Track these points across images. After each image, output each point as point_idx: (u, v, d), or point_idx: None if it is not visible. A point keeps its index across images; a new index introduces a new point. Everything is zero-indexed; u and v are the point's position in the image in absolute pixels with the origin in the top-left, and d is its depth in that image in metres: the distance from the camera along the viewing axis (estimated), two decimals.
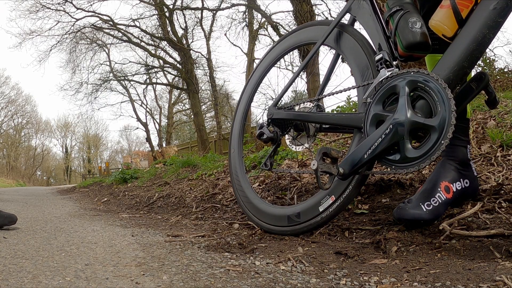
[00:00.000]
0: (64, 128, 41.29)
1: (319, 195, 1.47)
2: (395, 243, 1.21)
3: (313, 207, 1.48)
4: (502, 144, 1.84)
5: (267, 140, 1.65)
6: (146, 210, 2.88)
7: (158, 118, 25.99)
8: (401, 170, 1.19)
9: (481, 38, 1.12)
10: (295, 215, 1.53)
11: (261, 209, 1.66)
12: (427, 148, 1.13)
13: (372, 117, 1.26)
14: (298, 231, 1.52)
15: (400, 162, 1.18)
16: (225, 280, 0.97)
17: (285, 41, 1.81)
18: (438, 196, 1.31)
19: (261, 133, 1.65)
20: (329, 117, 1.51)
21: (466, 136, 1.38)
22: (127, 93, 21.97)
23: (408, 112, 1.15)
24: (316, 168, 1.25)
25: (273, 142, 1.66)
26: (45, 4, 14.14)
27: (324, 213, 1.43)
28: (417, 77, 1.17)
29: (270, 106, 1.69)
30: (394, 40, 1.29)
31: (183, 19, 15.62)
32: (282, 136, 1.67)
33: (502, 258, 1.02)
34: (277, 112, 1.64)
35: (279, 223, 1.57)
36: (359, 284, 0.93)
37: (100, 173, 20.38)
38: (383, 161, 1.23)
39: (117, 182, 6.06)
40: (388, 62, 1.29)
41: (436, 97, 1.13)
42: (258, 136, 1.67)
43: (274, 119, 1.64)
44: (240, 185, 1.81)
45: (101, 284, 0.96)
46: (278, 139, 1.65)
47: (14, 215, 2.00)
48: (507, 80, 5.01)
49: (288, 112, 1.62)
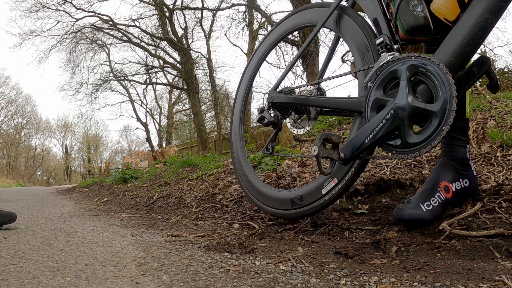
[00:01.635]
0: (64, 128, 41.29)
1: (321, 178, 1.47)
2: (395, 243, 1.21)
3: (316, 190, 1.48)
4: (502, 144, 1.84)
5: (268, 124, 1.64)
6: (146, 210, 2.88)
7: (158, 118, 26.00)
8: (402, 156, 1.18)
9: (483, 22, 1.10)
10: (298, 198, 1.53)
11: (264, 192, 1.66)
12: (428, 134, 1.11)
13: (373, 102, 1.25)
14: (301, 214, 1.52)
15: (401, 148, 1.17)
16: (225, 280, 0.97)
17: (285, 23, 1.80)
18: (438, 196, 1.31)
19: (262, 117, 1.63)
20: (330, 101, 1.49)
21: (465, 136, 1.38)
22: (127, 93, 21.98)
23: (409, 97, 1.13)
24: (317, 153, 1.25)
25: (274, 126, 1.65)
26: (45, 4, 14.14)
27: (327, 196, 1.44)
28: (418, 62, 1.15)
29: (270, 90, 1.67)
30: (395, 24, 1.27)
31: (183, 19, 15.62)
32: (283, 120, 1.66)
33: (502, 258, 1.02)
34: (278, 96, 1.62)
35: (282, 206, 1.58)
36: (359, 284, 0.93)
37: (100, 173, 20.37)
38: (384, 146, 1.22)
39: (117, 182, 6.06)
40: (389, 46, 1.27)
41: (437, 82, 1.11)
42: (259, 120, 1.66)
43: (274, 103, 1.63)
44: (242, 169, 1.81)
45: (101, 284, 0.96)
46: (279, 123, 1.64)
47: (14, 213, 2.00)
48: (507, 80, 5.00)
49: (288, 96, 1.60)
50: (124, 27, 15.37)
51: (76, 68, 17.34)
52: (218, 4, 14.27)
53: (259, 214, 1.93)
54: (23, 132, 37.44)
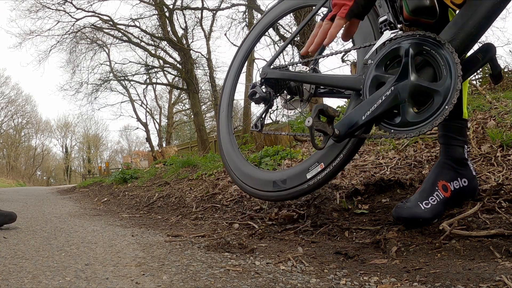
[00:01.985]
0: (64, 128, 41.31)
1: (308, 162, 1.43)
2: (395, 243, 1.21)
3: (300, 173, 1.43)
4: (502, 144, 1.84)
5: (259, 100, 1.57)
6: (146, 210, 2.88)
7: (158, 118, 26.02)
8: (400, 134, 1.13)
9: (491, 6, 1.08)
10: (281, 180, 1.48)
11: (246, 172, 1.61)
12: (430, 113, 1.08)
13: (373, 79, 1.20)
14: (283, 197, 1.47)
15: (400, 126, 1.12)
16: (225, 280, 0.97)
17: (284, 3, 1.76)
18: (436, 195, 1.31)
19: (254, 92, 1.57)
20: (326, 78, 1.43)
21: (463, 136, 1.38)
22: (127, 93, 22.02)
23: (411, 74, 1.10)
24: (311, 125, 1.16)
25: (265, 102, 1.58)
26: (45, 4, 14.16)
27: (311, 181, 1.39)
28: (423, 40, 1.12)
29: (264, 66, 1.61)
30: (400, 4, 1.24)
31: (183, 19, 15.65)
32: (275, 98, 1.60)
33: (502, 258, 1.02)
34: (271, 71, 1.55)
35: (264, 187, 1.53)
36: (359, 284, 0.93)
37: (100, 173, 20.37)
38: (381, 124, 1.17)
39: (117, 182, 6.06)
40: (392, 24, 1.23)
41: (442, 61, 1.08)
42: (250, 95, 1.59)
43: (267, 78, 1.56)
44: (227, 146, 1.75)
45: (101, 284, 0.96)
46: (271, 100, 1.57)
47: (14, 213, 2.00)
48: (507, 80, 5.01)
49: (283, 72, 1.53)
50: (124, 27, 15.39)
51: (76, 68, 17.38)
52: (218, 4, 14.29)
53: (259, 214, 1.93)
54: (23, 132, 37.47)
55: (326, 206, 1.74)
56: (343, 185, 2.01)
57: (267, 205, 2.04)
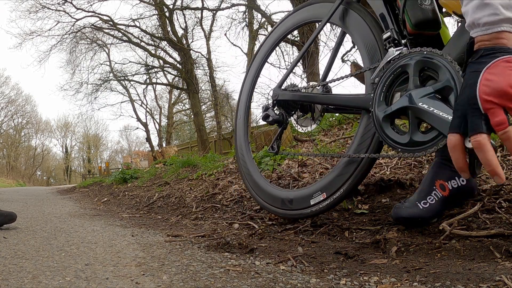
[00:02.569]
0: (64, 128, 41.32)
1: (313, 187, 1.48)
2: (395, 243, 1.21)
3: (305, 198, 1.49)
4: (502, 144, 1.84)
5: (273, 122, 1.61)
6: (146, 210, 2.88)
7: (158, 118, 26.03)
8: (407, 154, 1.14)
9: None
10: (288, 200, 1.55)
11: (260, 185, 1.70)
12: (435, 134, 1.08)
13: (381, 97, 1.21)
14: (288, 216, 1.55)
15: (407, 146, 1.13)
16: (225, 280, 0.97)
17: (290, 18, 1.78)
18: (434, 194, 1.31)
19: (267, 115, 1.60)
20: (336, 99, 1.46)
21: None
22: (127, 93, 22.02)
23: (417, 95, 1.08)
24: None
25: (279, 124, 1.62)
26: (45, 4, 14.16)
27: (314, 207, 1.45)
28: (427, 57, 1.10)
29: (275, 88, 1.64)
30: (403, 18, 1.24)
31: (183, 19, 15.64)
32: (288, 118, 1.64)
33: (502, 258, 1.02)
34: (283, 93, 1.59)
35: (274, 203, 1.61)
36: (359, 284, 0.93)
37: (100, 173, 20.38)
38: (389, 143, 1.18)
39: (117, 182, 6.06)
40: (397, 40, 1.23)
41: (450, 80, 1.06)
42: (263, 118, 1.63)
43: (279, 100, 1.60)
44: (243, 154, 1.83)
45: (101, 284, 0.96)
46: (285, 121, 1.61)
47: (14, 213, 2.00)
48: None
49: (294, 93, 1.57)
50: (124, 27, 15.40)
51: (76, 68, 17.39)
52: (218, 4, 14.29)
53: (259, 214, 1.93)
54: (23, 132, 37.48)
55: None
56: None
57: None
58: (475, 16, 0.84)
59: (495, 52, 0.83)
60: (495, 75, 0.80)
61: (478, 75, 0.82)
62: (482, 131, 0.79)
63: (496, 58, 0.82)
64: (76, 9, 14.49)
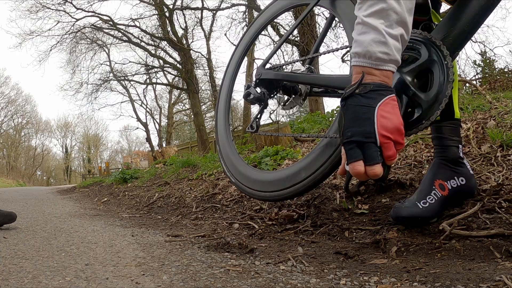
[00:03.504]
0: (64, 128, 41.33)
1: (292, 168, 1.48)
2: (395, 243, 1.21)
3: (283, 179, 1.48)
4: (502, 144, 1.84)
5: (254, 101, 1.59)
6: (146, 210, 2.88)
7: (158, 118, 26.03)
8: None
9: (484, 2, 1.06)
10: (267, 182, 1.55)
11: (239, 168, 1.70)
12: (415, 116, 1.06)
13: None
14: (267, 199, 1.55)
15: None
16: (225, 280, 0.97)
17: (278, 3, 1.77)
18: (434, 194, 1.32)
19: (248, 93, 1.59)
20: (320, 78, 1.44)
21: (457, 136, 1.38)
22: (127, 93, 22.03)
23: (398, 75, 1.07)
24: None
25: (259, 103, 1.61)
26: (45, 4, 14.15)
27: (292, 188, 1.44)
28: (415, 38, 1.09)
29: (258, 67, 1.63)
30: None
31: (183, 19, 15.64)
32: (270, 98, 1.62)
33: (502, 258, 1.02)
34: (266, 72, 1.57)
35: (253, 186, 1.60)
36: (359, 284, 0.93)
37: (100, 173, 20.39)
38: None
39: (117, 182, 6.06)
40: None
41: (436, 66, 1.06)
42: (245, 96, 1.61)
43: (262, 79, 1.58)
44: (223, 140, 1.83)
45: (101, 284, 0.96)
46: (265, 100, 1.59)
47: (14, 212, 2.01)
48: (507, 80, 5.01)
49: (277, 73, 1.55)
50: (124, 27, 15.39)
51: (76, 68, 17.39)
52: (218, 4, 14.29)
53: (259, 214, 1.93)
54: (23, 132, 37.49)
55: (326, 206, 1.74)
56: (343, 185, 2.01)
57: (267, 205, 2.04)
58: (371, 49, 0.88)
59: (382, 90, 0.89)
60: (388, 113, 0.87)
61: (373, 111, 0.87)
62: (378, 162, 0.86)
63: (385, 96, 0.88)
64: (76, 9, 14.49)
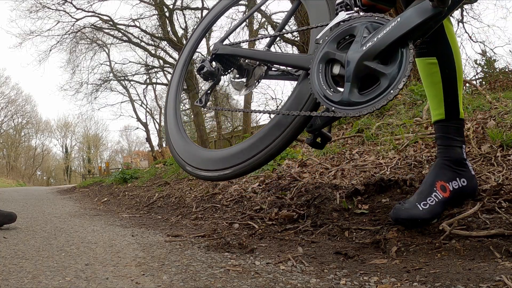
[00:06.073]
0: (64, 128, 41.31)
1: (238, 146, 1.45)
2: (395, 243, 1.21)
3: (228, 158, 1.43)
4: (502, 144, 1.84)
5: (207, 75, 1.56)
6: (146, 210, 2.88)
7: (158, 118, 26.00)
8: (339, 113, 1.10)
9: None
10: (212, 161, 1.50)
11: (183, 146, 1.65)
12: (373, 95, 1.05)
13: (323, 55, 1.16)
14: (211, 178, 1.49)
15: (341, 105, 1.10)
16: (225, 280, 0.97)
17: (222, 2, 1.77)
18: (435, 195, 1.31)
19: (202, 67, 1.57)
20: (277, 56, 1.43)
21: (461, 136, 1.38)
22: (127, 93, 22.03)
23: (360, 53, 1.07)
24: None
25: (212, 77, 1.58)
26: (45, 4, 14.15)
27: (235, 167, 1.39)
28: (378, 22, 1.09)
29: (216, 42, 1.61)
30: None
31: (183, 19, 15.64)
32: (223, 75, 1.59)
33: (502, 258, 1.02)
34: (223, 47, 1.55)
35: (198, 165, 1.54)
36: (359, 284, 0.93)
37: (100, 173, 20.39)
38: (324, 100, 1.14)
39: (117, 182, 6.06)
40: (349, 6, 1.22)
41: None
42: (198, 70, 1.58)
43: (218, 54, 1.55)
44: (171, 115, 1.81)
45: (101, 284, 0.96)
46: (218, 76, 1.57)
47: (14, 213, 2.01)
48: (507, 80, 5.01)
49: (234, 48, 1.53)
50: (124, 27, 15.39)
51: (76, 68, 17.39)
52: None
53: (259, 214, 1.93)
54: (23, 132, 37.48)
55: (326, 206, 1.74)
56: (343, 185, 2.01)
57: (267, 205, 2.04)
58: None
59: None
60: None
61: None
62: None
63: None
64: (76, 9, 14.48)
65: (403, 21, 1.03)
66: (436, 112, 1.39)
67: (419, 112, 2.88)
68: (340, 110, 1.10)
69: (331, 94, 1.13)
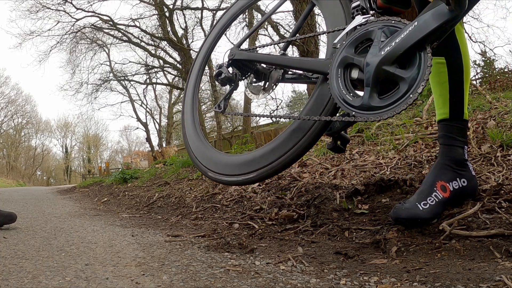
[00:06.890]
0: (64, 128, 41.30)
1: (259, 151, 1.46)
2: (395, 243, 1.21)
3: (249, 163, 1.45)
4: (502, 144, 1.84)
5: (225, 80, 1.56)
6: (146, 210, 2.88)
7: (158, 118, 26.03)
8: (360, 118, 1.10)
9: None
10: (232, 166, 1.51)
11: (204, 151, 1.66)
12: (393, 99, 1.05)
13: (341, 60, 1.16)
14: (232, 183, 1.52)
15: (362, 109, 1.10)
16: (225, 280, 0.97)
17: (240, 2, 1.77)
18: (435, 195, 1.31)
19: (220, 73, 1.57)
20: (294, 61, 1.43)
21: (463, 137, 1.38)
22: (127, 93, 22.04)
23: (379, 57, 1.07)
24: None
25: (230, 83, 1.59)
26: (45, 4, 14.17)
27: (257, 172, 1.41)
28: (395, 26, 1.09)
29: (233, 47, 1.61)
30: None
31: (183, 19, 15.66)
32: (241, 80, 1.60)
33: (502, 258, 1.02)
34: (239, 53, 1.55)
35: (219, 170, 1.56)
36: (359, 284, 0.93)
37: (100, 173, 20.38)
38: (344, 105, 1.14)
39: (117, 182, 6.06)
40: (365, 10, 1.22)
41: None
42: (216, 75, 1.59)
43: (235, 60, 1.55)
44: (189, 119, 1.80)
45: (101, 284, 0.96)
46: (236, 81, 1.57)
47: (14, 213, 2.00)
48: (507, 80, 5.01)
49: (250, 53, 1.53)
50: (124, 27, 15.41)
51: (76, 68, 17.42)
52: (218, 4, 14.29)
53: (259, 214, 1.93)
54: (23, 132, 37.48)
55: (326, 206, 1.74)
56: (343, 185, 2.01)
57: (267, 205, 2.05)
58: None
59: None
60: None
61: None
62: None
63: None
64: (76, 9, 14.50)
65: (421, 25, 1.03)
66: (440, 111, 1.40)
67: (419, 112, 2.88)
68: (361, 115, 1.10)
69: (351, 99, 1.13)
